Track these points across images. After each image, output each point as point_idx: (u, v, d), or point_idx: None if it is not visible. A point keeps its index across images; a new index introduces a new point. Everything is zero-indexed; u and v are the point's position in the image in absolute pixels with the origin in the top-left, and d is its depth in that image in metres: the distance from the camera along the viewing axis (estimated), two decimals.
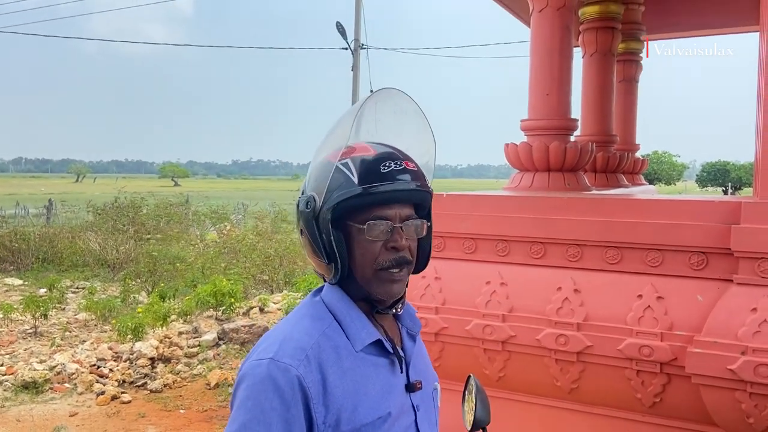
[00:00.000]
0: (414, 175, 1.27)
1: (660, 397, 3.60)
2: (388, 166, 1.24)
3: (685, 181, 60.31)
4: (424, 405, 1.35)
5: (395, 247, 1.25)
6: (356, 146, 1.28)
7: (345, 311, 1.27)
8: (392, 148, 1.31)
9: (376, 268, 1.26)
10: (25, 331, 7.45)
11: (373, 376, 1.24)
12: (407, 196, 1.27)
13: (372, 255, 1.25)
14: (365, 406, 1.20)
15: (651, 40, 7.85)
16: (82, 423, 4.85)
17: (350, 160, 1.26)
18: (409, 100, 1.35)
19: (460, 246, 4.33)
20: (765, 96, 3.48)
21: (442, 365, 4.19)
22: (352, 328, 1.25)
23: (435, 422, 1.39)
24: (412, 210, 1.29)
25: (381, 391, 1.24)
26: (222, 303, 7.50)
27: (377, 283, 1.26)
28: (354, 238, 1.26)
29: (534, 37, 5.04)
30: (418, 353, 1.41)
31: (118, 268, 11.59)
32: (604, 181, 6.61)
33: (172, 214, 14.79)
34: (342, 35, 21.32)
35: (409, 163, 1.28)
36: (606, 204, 3.99)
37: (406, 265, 1.28)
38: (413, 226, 1.28)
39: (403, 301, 1.35)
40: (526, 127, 5.02)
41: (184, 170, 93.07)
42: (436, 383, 1.43)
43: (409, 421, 1.29)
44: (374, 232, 1.24)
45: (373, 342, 1.26)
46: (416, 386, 1.31)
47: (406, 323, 1.38)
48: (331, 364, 1.20)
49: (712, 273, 3.57)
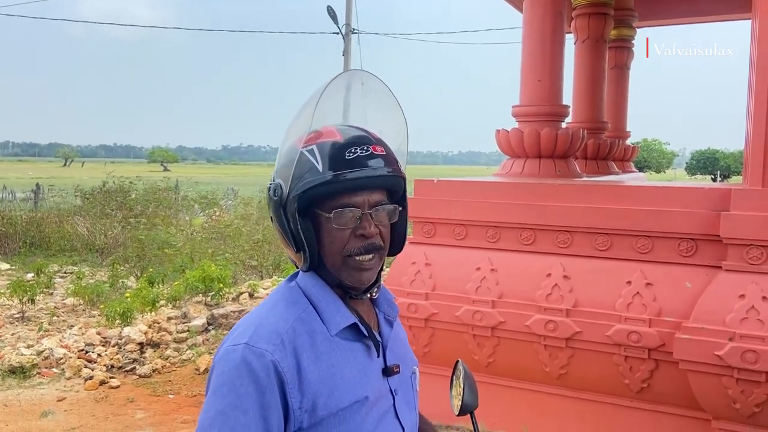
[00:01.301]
0: (384, 160, 1.24)
1: (648, 382, 3.63)
2: (353, 151, 1.21)
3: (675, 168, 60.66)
4: (402, 389, 1.33)
5: (363, 234, 1.22)
6: (323, 130, 1.24)
7: (320, 296, 1.25)
8: (362, 130, 1.27)
9: (345, 255, 1.23)
10: (12, 315, 7.40)
11: (349, 360, 1.23)
12: (376, 182, 1.23)
13: (341, 243, 1.23)
14: (341, 390, 1.19)
15: (643, 27, 7.83)
16: (70, 408, 4.83)
17: (316, 146, 1.21)
18: (378, 81, 1.31)
19: (451, 232, 4.33)
20: (756, 84, 3.48)
21: (432, 351, 4.20)
22: (327, 313, 1.24)
23: (414, 406, 1.38)
24: (382, 195, 1.26)
25: (357, 375, 1.23)
26: (211, 288, 7.48)
27: (347, 271, 1.24)
28: (322, 226, 1.23)
29: (526, 23, 5.02)
30: (395, 337, 1.39)
31: (107, 252, 11.51)
32: (594, 168, 6.62)
33: (161, 199, 14.71)
34: (333, 20, 21.16)
35: (377, 147, 1.24)
36: (596, 191, 3.99)
37: (376, 251, 1.25)
38: (384, 212, 1.25)
39: (379, 284, 1.33)
40: (518, 113, 5.00)
41: (173, 155, 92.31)
42: (415, 367, 1.41)
43: (387, 405, 1.28)
44: (342, 221, 1.21)
45: (348, 326, 1.25)
46: (393, 370, 1.30)
47: (383, 308, 1.36)
48: (306, 349, 1.18)
49: (700, 259, 3.59)
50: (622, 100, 7.80)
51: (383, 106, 1.32)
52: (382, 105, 1.32)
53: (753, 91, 3.52)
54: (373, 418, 1.23)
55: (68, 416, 4.69)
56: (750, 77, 3.64)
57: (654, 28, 7.72)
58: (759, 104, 3.44)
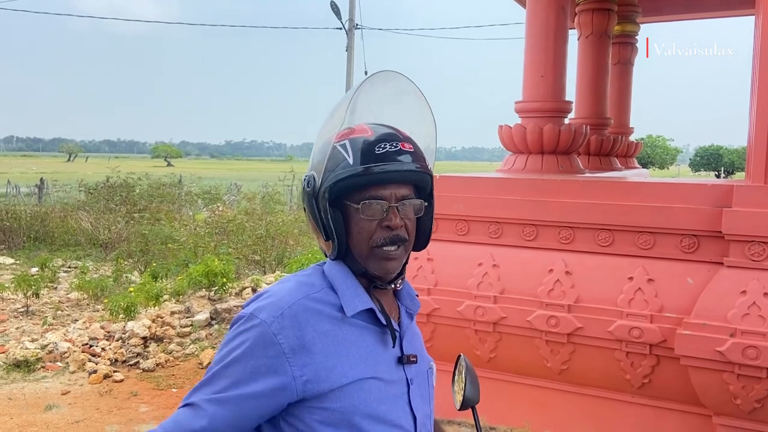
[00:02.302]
0: (412, 156, 1.30)
1: (649, 378, 3.63)
2: (383, 147, 1.27)
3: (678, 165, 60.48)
4: (419, 381, 1.37)
5: (389, 225, 1.28)
6: (356, 128, 1.31)
7: (342, 281, 1.32)
8: (393, 129, 1.33)
9: (372, 246, 1.29)
10: (17, 310, 7.43)
11: (357, 342, 1.28)
12: (403, 177, 1.30)
13: (368, 233, 1.29)
14: (345, 366, 1.24)
15: (647, 23, 7.81)
16: (74, 401, 4.86)
17: (348, 141, 1.28)
18: (409, 82, 1.37)
19: (453, 228, 4.34)
20: (759, 80, 3.48)
21: (434, 346, 4.21)
22: (347, 296, 1.30)
23: (428, 399, 1.42)
24: (409, 190, 1.32)
25: (365, 356, 1.27)
26: (214, 283, 7.50)
27: (373, 260, 1.30)
28: (351, 216, 1.30)
29: (529, 19, 5.01)
30: (415, 331, 1.45)
31: (110, 247, 11.54)
32: (597, 164, 6.62)
33: (164, 195, 14.75)
34: (337, 15, 21.14)
35: (405, 144, 1.30)
36: (598, 187, 4.00)
37: (401, 243, 1.31)
38: (410, 206, 1.31)
39: (403, 277, 1.38)
40: (521, 109, 5.00)
41: (177, 150, 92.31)
42: (432, 363, 1.45)
43: (401, 391, 1.32)
44: (369, 212, 1.28)
45: (366, 311, 1.31)
46: (410, 359, 1.35)
47: (406, 302, 1.42)
48: (311, 324, 1.25)
49: (702, 256, 3.59)
50: (626, 96, 7.79)
51: (414, 106, 1.39)
52: (413, 105, 1.39)
53: (756, 88, 3.52)
54: (382, 399, 1.27)
55: (72, 410, 4.73)
56: (753, 74, 3.64)
57: (654, 28, 7.70)
58: (762, 101, 3.44)
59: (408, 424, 1.32)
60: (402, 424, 1.30)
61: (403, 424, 1.31)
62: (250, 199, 14.65)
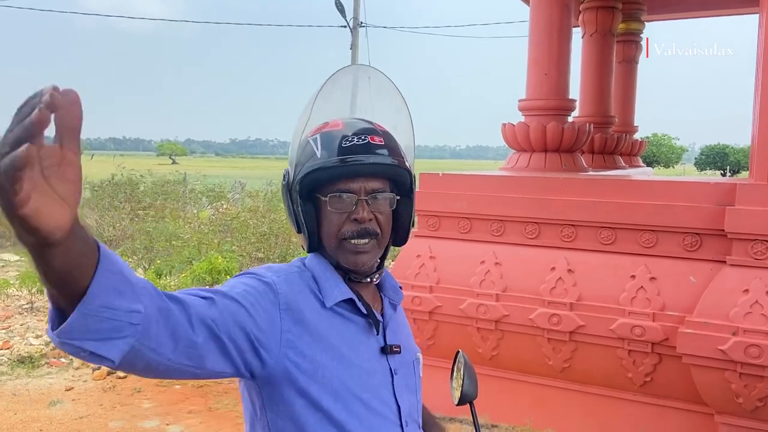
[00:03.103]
0: (384, 150, 1.29)
1: (651, 376, 3.63)
2: (350, 140, 1.27)
3: (684, 164, 60.22)
4: (404, 371, 1.37)
5: (356, 218, 1.29)
6: (330, 122, 1.32)
7: (321, 272, 1.33)
8: (369, 123, 1.33)
9: (340, 238, 1.30)
10: (22, 306, 7.47)
11: (340, 329, 1.28)
12: (372, 170, 1.29)
13: (336, 226, 1.30)
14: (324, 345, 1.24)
15: (651, 21, 7.79)
16: (78, 397, 4.88)
17: (319, 135, 1.30)
18: (384, 77, 1.38)
19: (455, 225, 4.34)
20: (762, 79, 3.47)
21: (436, 344, 4.21)
22: (327, 286, 1.31)
23: (415, 390, 1.41)
24: (382, 184, 1.31)
25: (347, 342, 1.28)
26: (218, 280, 7.52)
27: (342, 253, 1.31)
28: (321, 209, 1.31)
29: (533, 17, 5.00)
30: (400, 322, 1.45)
31: (115, 244, 11.58)
32: (601, 163, 6.60)
33: (169, 192, 14.79)
34: (341, 13, 21.14)
35: (375, 137, 1.29)
36: (601, 185, 3.99)
37: (371, 236, 1.30)
38: (381, 199, 1.31)
39: (381, 271, 1.38)
40: (524, 107, 5.00)
41: (182, 148, 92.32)
42: (419, 354, 1.45)
43: (384, 380, 1.32)
44: (337, 204, 1.28)
45: (345, 302, 1.31)
46: (392, 349, 1.34)
47: (389, 294, 1.42)
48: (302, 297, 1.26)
49: (705, 254, 3.59)
50: (630, 95, 7.77)
51: (389, 102, 1.39)
52: (388, 101, 1.39)
53: (760, 86, 3.51)
54: (362, 386, 1.27)
55: (76, 405, 4.75)
56: (757, 72, 3.63)
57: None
58: (765, 99, 3.43)
59: (392, 414, 1.31)
60: (385, 413, 1.30)
61: (387, 413, 1.30)
62: (253, 196, 14.67)
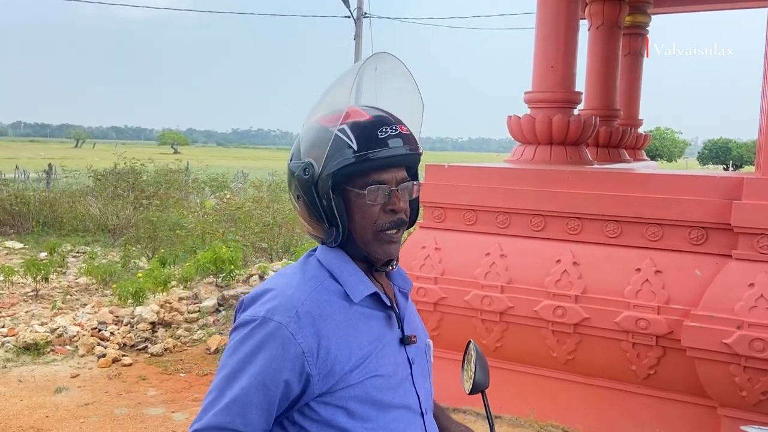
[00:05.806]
0: (407, 139, 1.30)
1: (655, 369, 3.65)
2: (384, 131, 1.27)
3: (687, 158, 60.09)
4: (419, 359, 1.39)
5: (393, 209, 1.30)
6: (350, 111, 1.29)
7: (342, 267, 1.32)
8: (384, 111, 1.33)
9: (376, 230, 1.30)
10: (26, 293, 7.49)
11: (366, 328, 1.29)
12: (402, 160, 1.31)
13: (372, 218, 1.29)
14: (358, 353, 1.25)
15: (658, 14, 7.75)
16: (83, 384, 4.91)
17: (347, 126, 1.26)
18: (399, 63, 1.37)
19: (461, 217, 4.35)
20: None
21: (441, 335, 4.23)
22: (350, 282, 1.30)
23: (428, 376, 1.44)
24: (405, 172, 1.34)
25: (374, 340, 1.29)
26: (222, 270, 7.54)
27: (377, 244, 1.31)
28: (353, 202, 1.29)
29: (540, 9, 4.98)
30: (411, 310, 1.47)
31: (119, 233, 11.59)
32: (606, 156, 6.60)
33: (171, 181, 14.82)
34: (345, 3, 21.06)
35: (402, 127, 1.31)
36: (607, 178, 4.00)
37: (403, 225, 1.33)
38: (407, 189, 1.33)
39: (397, 258, 1.39)
40: (530, 100, 4.99)
41: (183, 138, 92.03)
42: (429, 340, 1.47)
43: (405, 373, 1.34)
44: (374, 197, 1.28)
45: (370, 296, 1.32)
46: (411, 339, 1.36)
47: (398, 282, 1.44)
48: (325, 318, 1.24)
49: (711, 248, 3.60)
50: (635, 88, 7.75)
51: (405, 87, 1.39)
52: (402, 87, 1.38)
53: (766, 80, 3.51)
54: (391, 387, 1.29)
55: (82, 392, 4.78)
56: (764, 66, 3.62)
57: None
58: None
59: (414, 404, 1.34)
60: (409, 404, 1.32)
61: (410, 404, 1.33)
62: (257, 186, 14.68)
